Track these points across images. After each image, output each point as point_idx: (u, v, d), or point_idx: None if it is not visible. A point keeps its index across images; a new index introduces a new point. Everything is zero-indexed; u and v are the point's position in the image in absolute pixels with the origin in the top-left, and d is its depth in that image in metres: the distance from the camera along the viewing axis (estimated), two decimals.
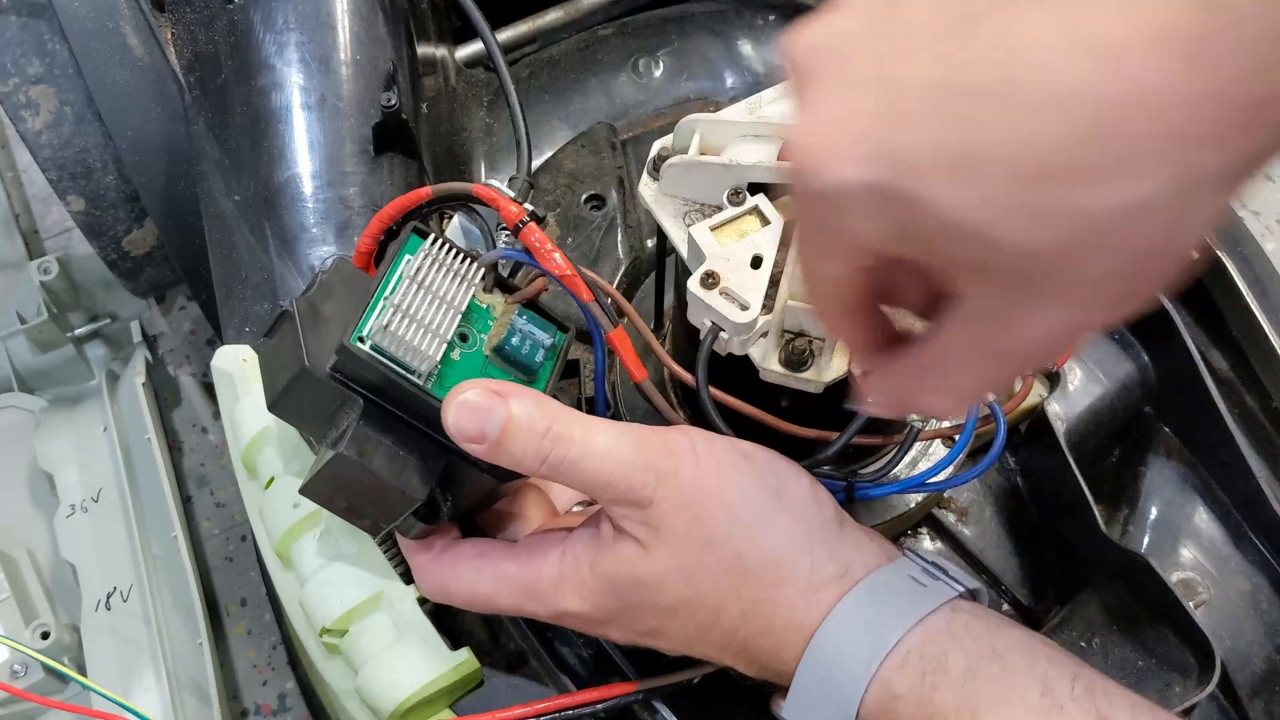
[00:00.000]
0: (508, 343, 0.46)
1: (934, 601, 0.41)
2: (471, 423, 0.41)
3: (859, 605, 0.41)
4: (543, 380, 0.47)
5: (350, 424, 0.42)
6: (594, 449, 0.42)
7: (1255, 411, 0.64)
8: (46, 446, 0.95)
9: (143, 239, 0.84)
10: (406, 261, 0.45)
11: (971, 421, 0.49)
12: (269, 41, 0.67)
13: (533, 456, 0.41)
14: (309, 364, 0.42)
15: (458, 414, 0.41)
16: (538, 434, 0.41)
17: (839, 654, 0.41)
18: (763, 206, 0.52)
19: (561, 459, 0.42)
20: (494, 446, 0.41)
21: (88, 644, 0.84)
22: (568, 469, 0.42)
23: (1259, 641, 0.61)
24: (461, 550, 0.46)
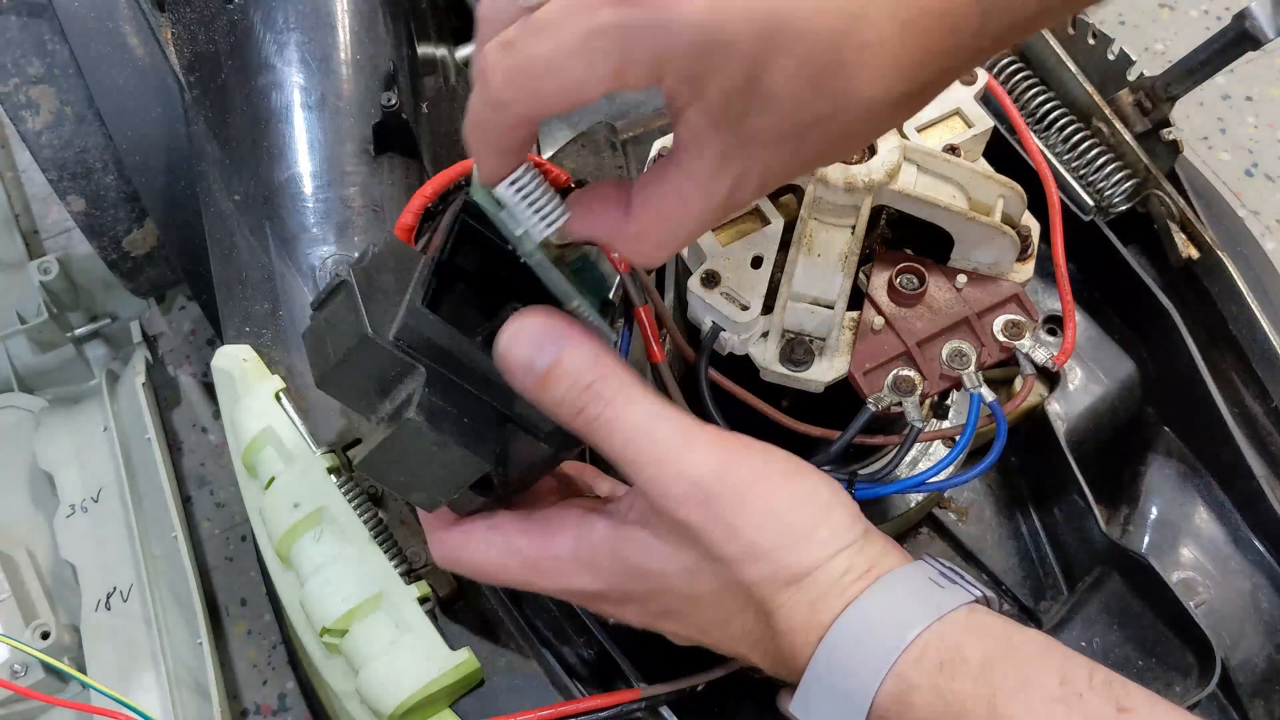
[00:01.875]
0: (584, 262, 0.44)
1: (952, 601, 0.40)
2: (523, 350, 0.40)
3: (875, 601, 0.41)
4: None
5: (415, 391, 0.41)
6: (628, 423, 0.40)
7: (1255, 411, 0.64)
8: (46, 446, 0.95)
9: (143, 239, 0.84)
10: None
11: (972, 421, 0.49)
12: (269, 41, 0.67)
13: (569, 406, 0.40)
14: (371, 332, 0.41)
15: (513, 337, 0.40)
16: (580, 385, 0.40)
17: (854, 648, 0.40)
18: (763, 206, 0.52)
19: (596, 417, 0.40)
20: (537, 382, 0.40)
21: (88, 644, 0.84)
22: (600, 430, 0.40)
23: (1259, 641, 0.61)
24: (476, 521, 0.45)
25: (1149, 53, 1.37)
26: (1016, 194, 0.52)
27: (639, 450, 0.41)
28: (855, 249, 0.50)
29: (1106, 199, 0.66)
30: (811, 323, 0.51)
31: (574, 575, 0.44)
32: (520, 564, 0.44)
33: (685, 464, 0.40)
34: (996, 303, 0.51)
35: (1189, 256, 0.64)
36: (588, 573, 0.43)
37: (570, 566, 0.44)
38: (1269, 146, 1.32)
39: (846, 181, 0.51)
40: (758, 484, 0.41)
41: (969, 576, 0.43)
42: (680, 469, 0.40)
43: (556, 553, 0.44)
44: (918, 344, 0.50)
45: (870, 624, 0.40)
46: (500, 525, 0.45)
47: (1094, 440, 0.66)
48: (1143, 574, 0.60)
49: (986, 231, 0.51)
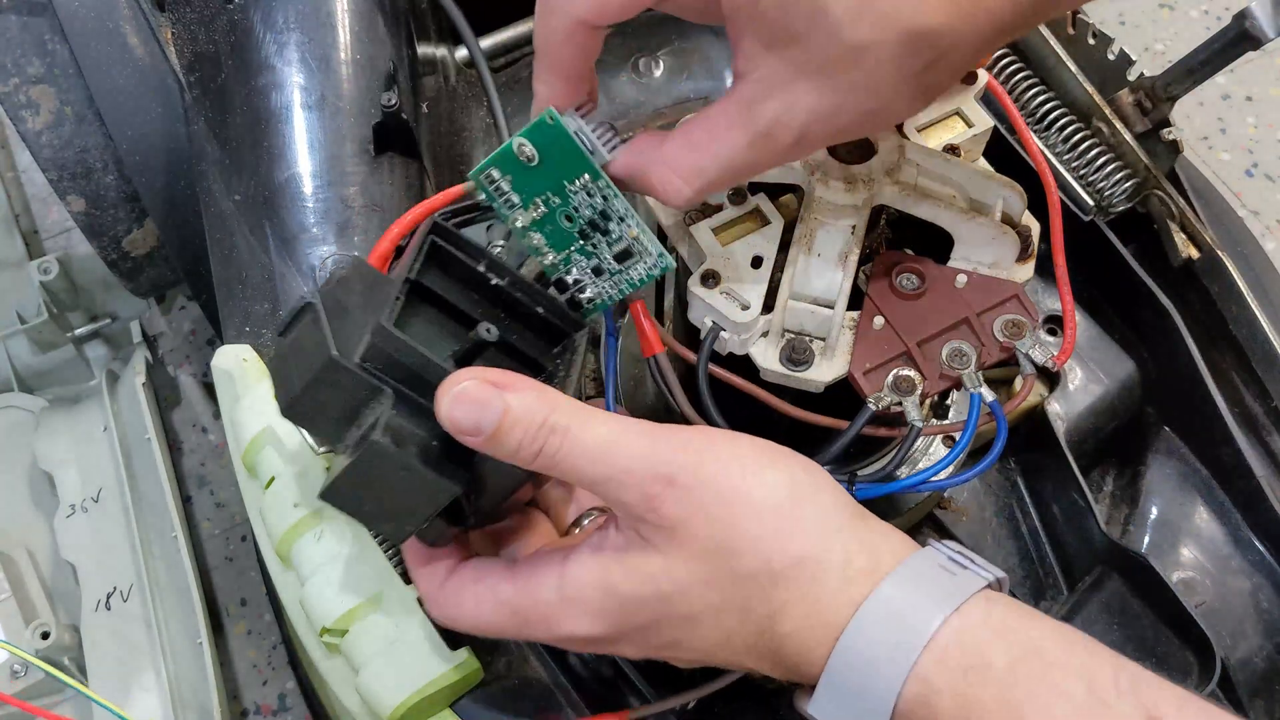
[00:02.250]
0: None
1: (966, 591, 0.39)
2: (467, 415, 0.40)
3: (890, 597, 0.39)
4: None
5: (382, 414, 0.40)
6: (592, 441, 0.40)
7: (1255, 411, 0.64)
8: (46, 446, 0.95)
9: (143, 239, 0.84)
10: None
11: (972, 421, 0.49)
12: (269, 41, 0.67)
13: (527, 450, 0.40)
14: (336, 354, 0.40)
15: (452, 405, 0.40)
16: (533, 426, 0.40)
17: (873, 647, 0.39)
18: (763, 206, 0.52)
19: (557, 450, 0.40)
20: (489, 440, 0.40)
21: (87, 644, 0.84)
22: (564, 460, 0.40)
23: (1259, 641, 0.61)
24: (464, 576, 0.44)
25: (1149, 53, 1.37)
26: (1016, 194, 0.52)
27: (607, 464, 0.40)
28: (855, 249, 0.50)
29: (1106, 199, 0.66)
30: (811, 323, 0.51)
31: (564, 620, 0.42)
32: (510, 615, 0.43)
33: (655, 463, 0.40)
34: (996, 303, 0.51)
35: (1189, 256, 0.64)
36: (578, 613, 0.42)
37: (559, 611, 0.42)
38: (1269, 146, 1.32)
39: (846, 181, 0.51)
40: (731, 471, 0.41)
41: (978, 559, 0.42)
42: (650, 470, 0.40)
43: (543, 597, 0.42)
44: (918, 344, 0.50)
45: (888, 622, 0.39)
46: (486, 575, 0.44)
47: (1094, 440, 0.66)
48: (1143, 574, 0.60)
49: (986, 231, 0.51)
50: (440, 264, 0.45)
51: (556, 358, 0.46)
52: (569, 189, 0.45)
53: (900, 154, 0.52)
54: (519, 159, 0.44)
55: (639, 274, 0.46)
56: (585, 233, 0.46)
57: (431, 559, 0.45)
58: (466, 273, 0.45)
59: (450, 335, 0.45)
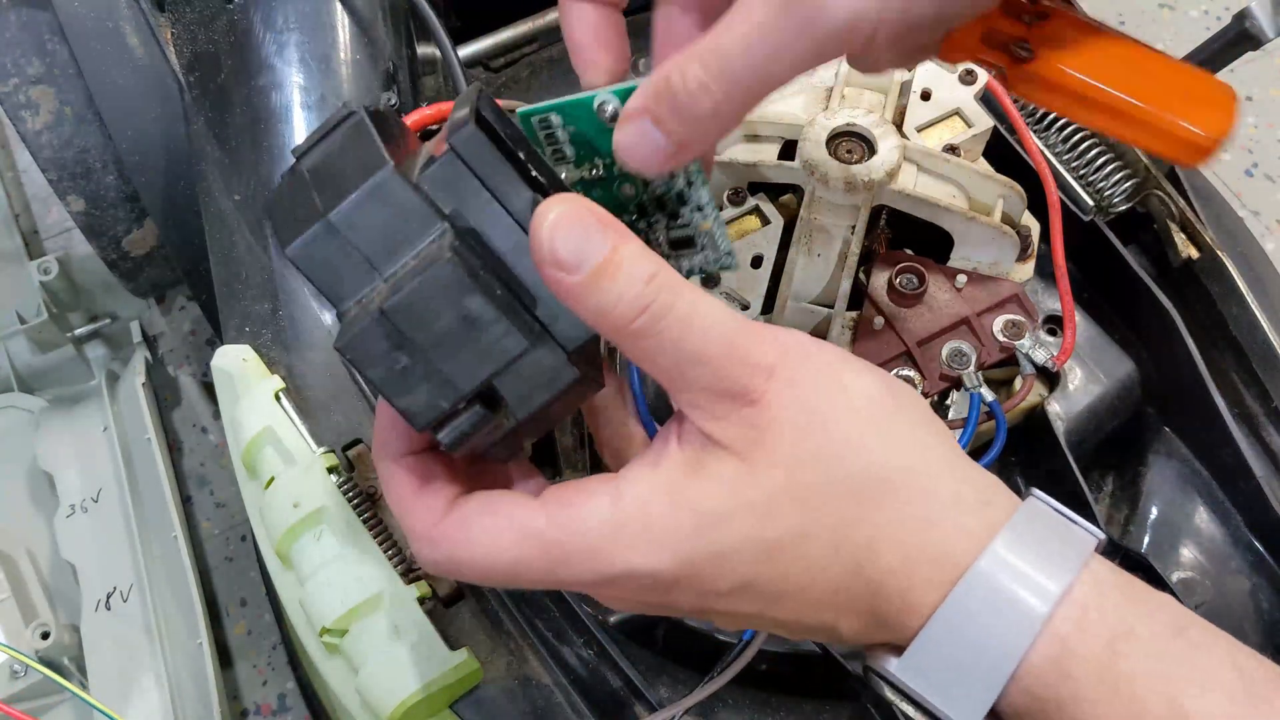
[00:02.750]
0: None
1: (1087, 546, 0.35)
2: (570, 240, 0.32)
3: (1019, 539, 0.34)
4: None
5: (443, 242, 0.32)
6: (704, 310, 0.33)
7: (1255, 411, 0.64)
8: (46, 446, 0.95)
9: (143, 239, 0.84)
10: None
11: (972, 421, 0.49)
12: (269, 41, 0.67)
13: (630, 302, 0.33)
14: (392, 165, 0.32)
15: (556, 225, 0.32)
16: (642, 277, 0.33)
17: (1002, 593, 0.33)
18: (763, 206, 0.52)
19: (668, 309, 0.33)
20: (590, 279, 0.32)
21: (87, 644, 0.84)
22: (671, 326, 0.33)
23: (1259, 641, 0.61)
24: (469, 507, 0.36)
25: None
26: (1016, 194, 0.52)
27: (715, 340, 0.33)
28: (855, 249, 0.50)
29: (1106, 199, 0.66)
30: (812, 322, 0.51)
31: (619, 549, 0.34)
32: (543, 552, 0.34)
33: (756, 351, 0.34)
34: (996, 303, 0.51)
35: (1189, 256, 0.64)
36: (638, 538, 0.34)
37: (612, 541, 0.34)
38: (1269, 146, 1.32)
39: (846, 181, 0.51)
40: (826, 373, 0.35)
41: (1075, 514, 0.37)
42: (752, 357, 0.34)
43: (590, 523, 0.34)
44: (918, 344, 0.50)
45: (1018, 569, 0.33)
46: (503, 506, 0.35)
47: (1094, 440, 0.66)
48: (1143, 574, 0.60)
49: (986, 231, 0.51)
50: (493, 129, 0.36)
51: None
52: None
53: (900, 154, 0.52)
54: (595, 114, 0.38)
55: (689, 265, 0.41)
56: (645, 208, 0.40)
57: (427, 486, 0.36)
58: (509, 154, 0.36)
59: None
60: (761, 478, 0.34)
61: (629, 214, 0.40)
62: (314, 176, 0.34)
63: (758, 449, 0.34)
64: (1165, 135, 0.40)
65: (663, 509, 0.34)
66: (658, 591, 0.35)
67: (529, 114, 0.39)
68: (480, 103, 0.35)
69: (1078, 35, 0.40)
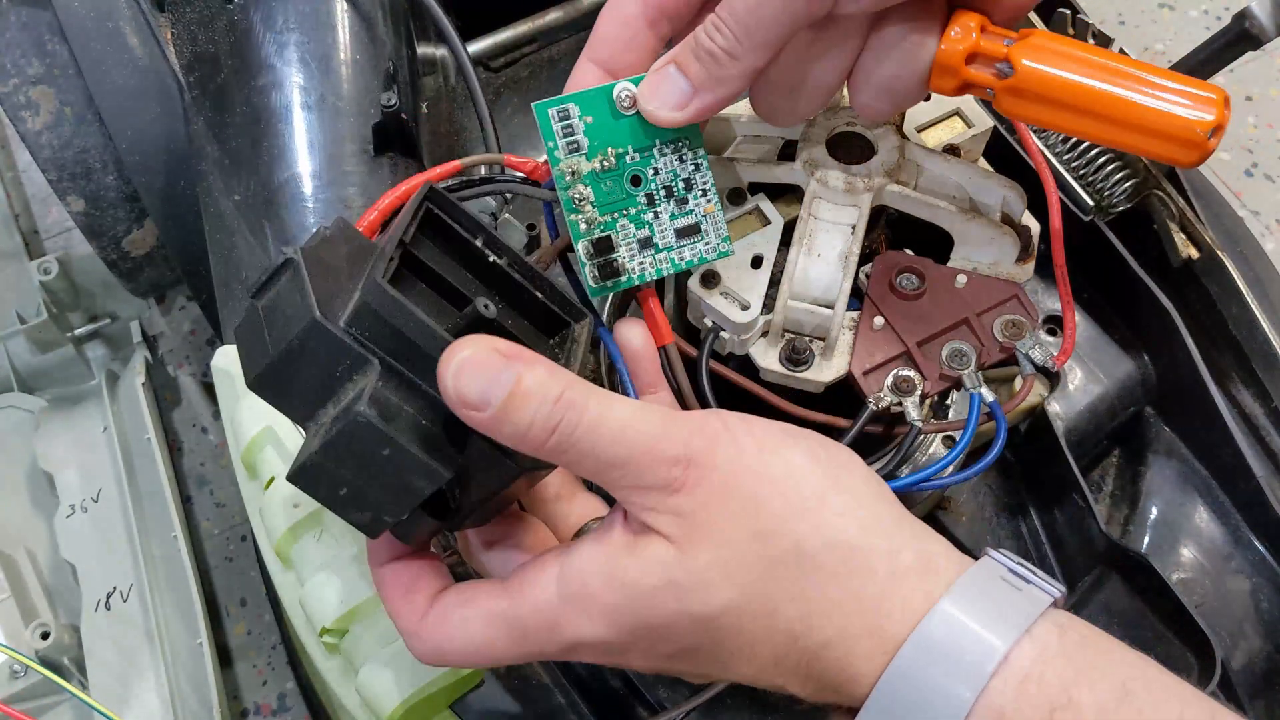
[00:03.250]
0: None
1: (1035, 608, 0.35)
2: (474, 385, 0.35)
3: (953, 613, 0.34)
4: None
5: (367, 385, 0.36)
6: (612, 419, 0.36)
7: (1255, 411, 0.64)
8: (46, 446, 0.95)
9: (143, 239, 0.84)
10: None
11: (972, 421, 0.49)
12: (269, 41, 0.67)
13: (541, 426, 0.35)
14: (319, 315, 0.35)
15: (458, 373, 0.35)
16: (549, 400, 0.35)
17: (935, 670, 0.34)
18: (763, 206, 0.52)
19: (575, 426, 0.35)
20: (498, 414, 0.35)
21: (87, 644, 0.84)
22: (582, 439, 0.35)
23: (1259, 641, 0.61)
24: (447, 601, 0.39)
25: (1149, 53, 1.37)
26: (1016, 194, 0.52)
27: (627, 445, 0.36)
28: (855, 249, 0.50)
29: (1106, 199, 0.66)
30: (811, 323, 0.51)
31: (568, 623, 0.37)
32: (507, 631, 0.38)
33: (674, 444, 0.36)
34: (996, 303, 0.51)
35: (1189, 256, 0.64)
36: (581, 612, 0.37)
37: (561, 614, 0.37)
38: (1269, 146, 1.32)
39: (846, 181, 0.51)
40: (747, 450, 0.37)
41: (1037, 570, 0.37)
42: (670, 452, 0.36)
43: (541, 600, 0.37)
44: (918, 344, 0.50)
45: (957, 639, 0.34)
46: (473, 595, 0.39)
47: (1094, 440, 0.66)
48: (1143, 574, 0.60)
49: (986, 231, 0.51)
50: (433, 235, 0.41)
51: (555, 348, 0.43)
52: (659, 148, 0.42)
53: (900, 154, 0.52)
54: (613, 103, 0.41)
55: (694, 253, 0.43)
56: (653, 197, 0.42)
57: (411, 590, 0.40)
58: (461, 247, 0.41)
59: (441, 313, 0.40)
60: (690, 559, 0.36)
61: (634, 204, 0.42)
62: (266, 315, 0.38)
63: (687, 532, 0.36)
64: (1158, 133, 0.41)
65: (600, 583, 0.37)
66: (613, 655, 0.38)
67: (546, 106, 0.41)
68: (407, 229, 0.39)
69: (1055, 47, 0.41)
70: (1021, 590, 0.36)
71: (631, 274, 0.42)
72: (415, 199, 0.40)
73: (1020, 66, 0.41)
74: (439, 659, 0.40)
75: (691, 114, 0.41)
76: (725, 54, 0.40)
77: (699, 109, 0.41)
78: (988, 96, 0.43)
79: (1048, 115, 0.43)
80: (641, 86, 0.42)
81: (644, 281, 0.43)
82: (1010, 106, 0.43)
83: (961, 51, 0.42)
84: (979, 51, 0.42)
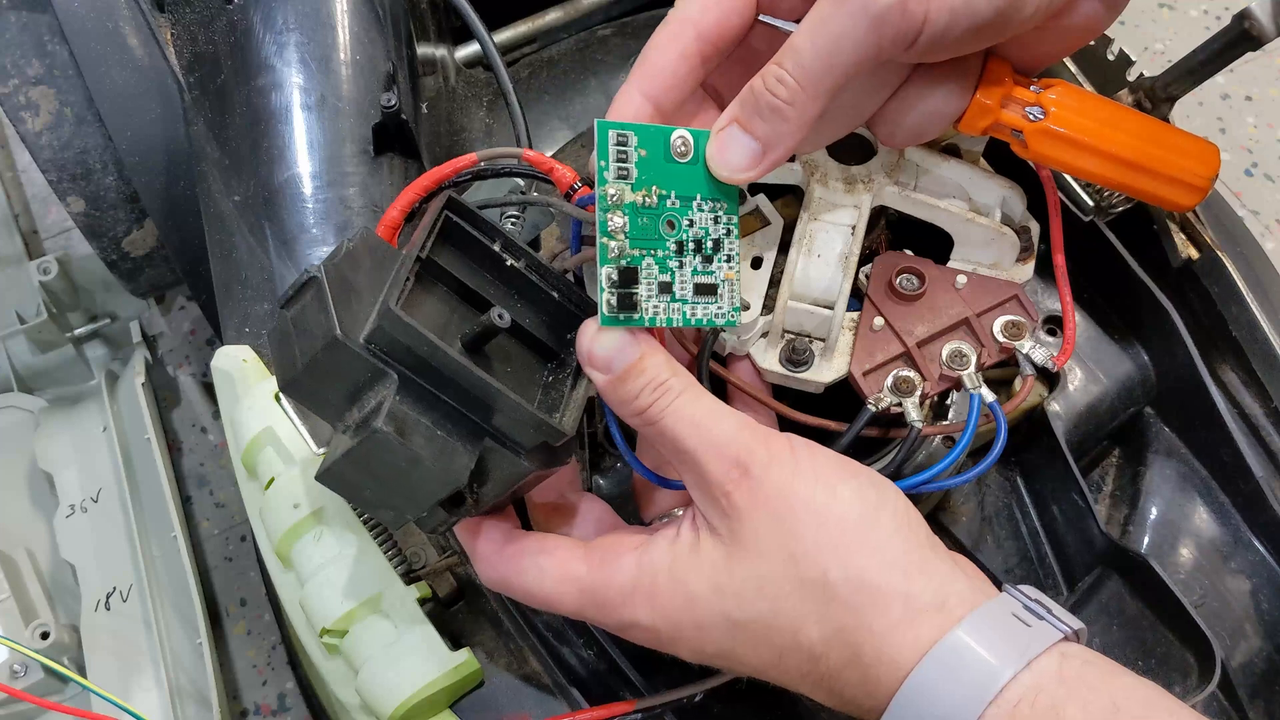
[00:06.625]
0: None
1: (1041, 643, 0.37)
2: (606, 351, 0.40)
3: (961, 644, 0.37)
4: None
5: (385, 399, 0.39)
6: (693, 411, 0.40)
7: (1255, 411, 0.64)
8: (46, 446, 0.95)
9: (143, 239, 0.84)
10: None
11: (972, 422, 0.49)
12: (269, 42, 0.67)
13: (642, 400, 0.40)
14: (340, 333, 0.38)
15: (594, 339, 0.40)
16: (657, 381, 0.40)
17: (939, 697, 0.37)
18: (763, 207, 0.52)
19: (665, 408, 0.40)
20: (615, 379, 0.40)
21: (87, 644, 0.84)
22: (668, 419, 0.40)
23: (1259, 641, 0.61)
24: (527, 544, 0.44)
25: (1149, 53, 1.37)
26: (1016, 194, 0.52)
27: (702, 436, 0.40)
28: (855, 249, 0.50)
29: (1106, 199, 0.66)
30: (811, 323, 0.51)
31: (631, 608, 0.42)
32: (578, 593, 0.42)
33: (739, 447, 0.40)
34: (996, 303, 0.51)
35: (1189, 256, 0.64)
36: (645, 605, 0.41)
37: (629, 598, 0.42)
38: (1269, 146, 1.32)
39: (846, 181, 0.51)
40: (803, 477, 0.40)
41: (1055, 607, 0.40)
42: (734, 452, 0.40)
43: (618, 581, 0.42)
44: (918, 344, 0.50)
45: (957, 673, 0.37)
46: (554, 550, 0.43)
47: (1094, 440, 0.66)
48: (1143, 574, 0.60)
49: (986, 231, 0.51)
50: (453, 241, 0.44)
51: (570, 346, 0.45)
52: (698, 203, 0.43)
53: (900, 154, 0.52)
54: (668, 146, 0.42)
55: (705, 313, 0.43)
56: (682, 247, 0.43)
57: (486, 519, 0.45)
58: (480, 251, 0.44)
59: (460, 317, 0.43)
60: (735, 566, 0.40)
61: (663, 247, 0.42)
62: (294, 326, 0.40)
63: (735, 539, 0.40)
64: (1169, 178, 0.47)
65: (664, 581, 0.41)
66: (661, 643, 0.42)
67: (608, 126, 0.41)
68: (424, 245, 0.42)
69: (1081, 95, 0.46)
70: (1032, 626, 0.38)
71: (644, 314, 0.42)
72: (434, 210, 0.43)
73: (1052, 112, 0.46)
74: (502, 588, 0.44)
75: (761, 171, 0.42)
76: (789, 106, 0.41)
77: (768, 166, 0.42)
78: (1012, 139, 0.47)
79: (1070, 156, 0.47)
80: (710, 149, 0.42)
81: (653, 325, 0.43)
82: (1040, 147, 0.47)
83: (998, 94, 0.45)
84: (1012, 96, 0.46)
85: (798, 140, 0.42)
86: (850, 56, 0.39)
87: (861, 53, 0.39)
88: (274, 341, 0.41)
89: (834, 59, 0.39)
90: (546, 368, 0.45)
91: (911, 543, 0.40)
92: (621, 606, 0.42)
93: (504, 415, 0.40)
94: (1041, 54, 0.46)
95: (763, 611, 0.39)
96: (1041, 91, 0.46)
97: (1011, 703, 0.36)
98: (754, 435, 0.40)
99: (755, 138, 0.41)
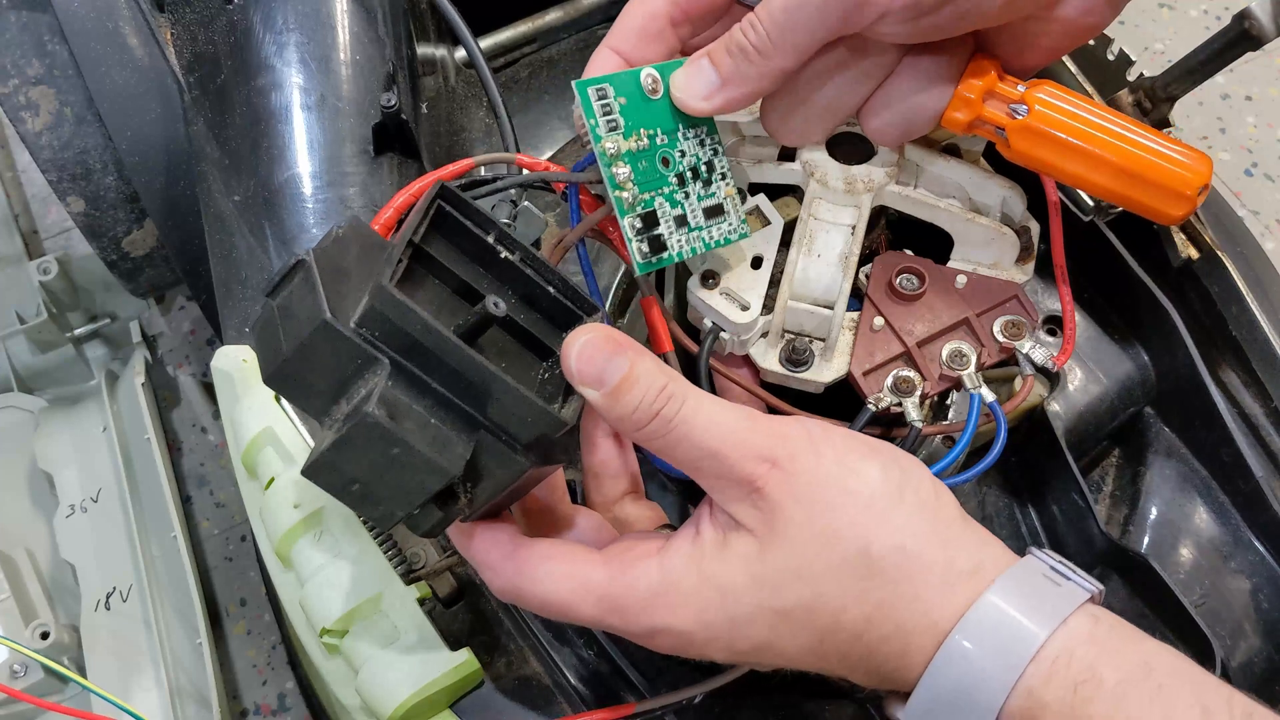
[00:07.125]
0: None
1: (1072, 603, 0.38)
2: (592, 366, 0.39)
3: (997, 605, 0.38)
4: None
5: (376, 385, 0.37)
6: (704, 412, 0.39)
7: (1255, 411, 0.64)
8: (46, 446, 0.95)
9: (143, 239, 0.84)
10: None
11: (972, 422, 0.49)
12: (269, 41, 0.67)
13: (645, 410, 0.39)
14: (329, 316, 0.36)
15: (581, 354, 0.39)
16: (655, 388, 0.39)
17: (978, 658, 0.37)
18: (763, 206, 0.52)
19: (674, 415, 0.39)
20: (611, 393, 0.39)
21: (87, 644, 0.84)
22: (678, 427, 0.39)
23: (1259, 641, 0.61)
24: (537, 549, 0.42)
25: (1149, 53, 1.37)
26: (1016, 194, 0.52)
27: (716, 440, 0.39)
28: (855, 249, 0.50)
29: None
30: (811, 323, 0.51)
31: (657, 614, 0.40)
32: (597, 600, 0.41)
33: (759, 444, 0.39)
34: (996, 303, 0.51)
35: (1189, 256, 0.64)
36: (673, 611, 0.40)
37: (654, 604, 0.40)
38: (1269, 146, 1.32)
39: (846, 181, 0.51)
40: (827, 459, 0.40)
41: (1077, 569, 0.40)
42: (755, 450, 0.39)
43: (641, 586, 0.40)
44: (918, 344, 0.50)
45: (996, 632, 0.38)
46: (568, 556, 0.41)
47: (1094, 440, 0.66)
48: (1143, 574, 0.60)
49: (986, 231, 0.51)
50: (445, 232, 0.42)
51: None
52: (682, 133, 0.46)
53: (900, 154, 0.52)
54: (640, 86, 0.45)
55: (720, 233, 0.47)
56: (683, 178, 0.46)
57: (493, 527, 0.43)
58: (473, 244, 0.42)
59: (451, 311, 0.42)
60: (771, 556, 0.39)
61: (667, 183, 0.46)
62: (280, 314, 0.39)
63: (768, 530, 0.39)
64: (1155, 183, 0.46)
65: (693, 582, 0.40)
66: (692, 647, 0.41)
67: (585, 85, 0.44)
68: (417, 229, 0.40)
69: (1066, 94, 0.46)
70: (1060, 586, 0.39)
71: (673, 251, 0.45)
72: (427, 197, 0.41)
73: (1035, 108, 0.45)
74: (514, 598, 0.42)
75: (717, 105, 0.45)
76: (755, 51, 0.43)
77: (725, 100, 0.45)
78: (996, 137, 0.47)
79: (1054, 157, 0.46)
80: (675, 75, 0.45)
81: (682, 259, 0.46)
82: (1021, 144, 0.46)
83: (981, 88, 0.45)
84: (995, 92, 0.46)
85: (758, 89, 0.45)
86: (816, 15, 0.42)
87: (829, 11, 0.42)
88: (258, 331, 0.39)
89: (799, 12, 0.42)
90: (542, 365, 0.44)
91: (943, 514, 0.40)
92: (645, 612, 0.40)
93: (500, 405, 0.39)
94: (1038, 51, 0.46)
95: (804, 596, 0.39)
96: (1027, 89, 0.46)
97: (1049, 660, 0.37)
98: (770, 427, 0.40)
99: (718, 71, 0.44)
